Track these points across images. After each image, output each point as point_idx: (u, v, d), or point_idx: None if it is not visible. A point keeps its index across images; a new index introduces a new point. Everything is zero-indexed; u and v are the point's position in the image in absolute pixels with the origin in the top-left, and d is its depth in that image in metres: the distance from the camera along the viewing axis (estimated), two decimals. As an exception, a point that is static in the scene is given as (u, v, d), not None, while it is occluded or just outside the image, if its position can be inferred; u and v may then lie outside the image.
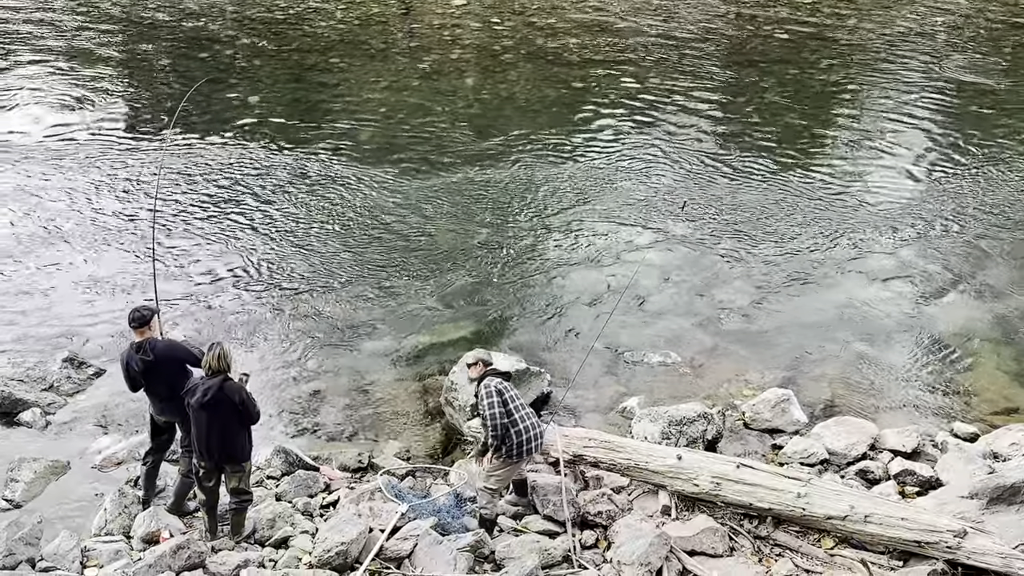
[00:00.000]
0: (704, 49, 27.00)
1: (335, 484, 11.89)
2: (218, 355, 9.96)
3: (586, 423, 12.88)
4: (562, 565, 10.12)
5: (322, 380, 13.91)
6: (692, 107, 23.23)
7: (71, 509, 11.40)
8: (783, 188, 19.34)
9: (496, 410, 10.16)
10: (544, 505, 10.93)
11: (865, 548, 10.07)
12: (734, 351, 14.67)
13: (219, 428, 10.10)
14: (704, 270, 16.63)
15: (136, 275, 15.88)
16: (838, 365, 14.33)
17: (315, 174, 19.48)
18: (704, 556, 10.12)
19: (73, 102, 22.74)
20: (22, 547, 10.06)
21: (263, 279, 16.10)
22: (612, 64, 25.80)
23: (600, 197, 18.87)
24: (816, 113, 23.46)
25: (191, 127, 21.46)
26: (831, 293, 16.04)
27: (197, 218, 17.83)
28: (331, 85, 24.33)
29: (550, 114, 22.89)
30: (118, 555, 10.35)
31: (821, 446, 12.12)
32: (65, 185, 18.76)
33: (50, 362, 13.80)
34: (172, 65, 25.38)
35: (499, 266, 16.53)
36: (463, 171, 19.72)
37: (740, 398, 13.56)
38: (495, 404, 10.17)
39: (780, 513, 10.41)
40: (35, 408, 12.99)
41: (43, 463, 11.94)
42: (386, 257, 16.78)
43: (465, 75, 25.27)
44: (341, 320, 15.16)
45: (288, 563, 10.10)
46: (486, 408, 10.22)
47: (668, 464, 10.97)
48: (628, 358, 14.44)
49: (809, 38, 28.08)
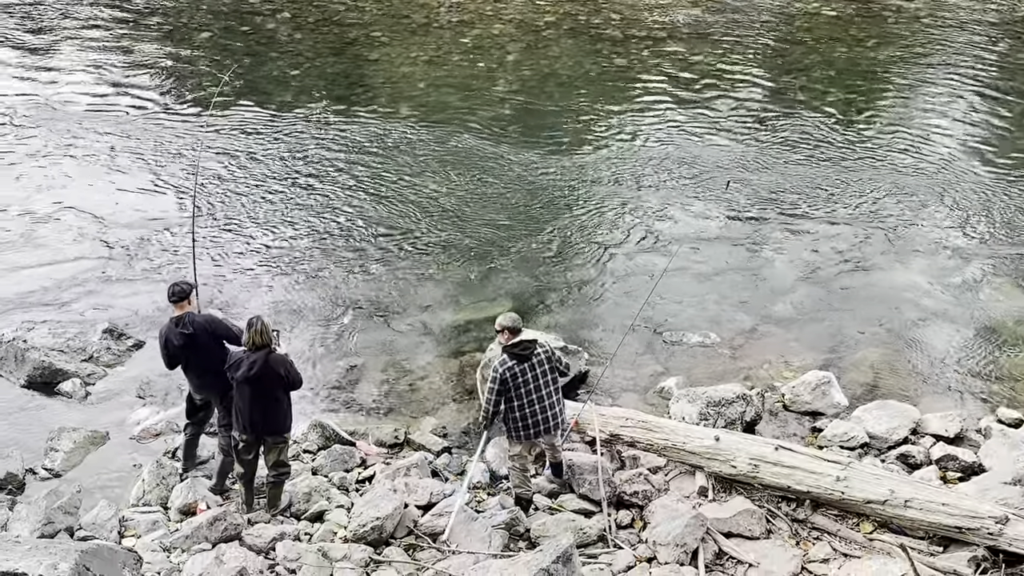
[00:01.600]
0: (749, 26, 26.68)
1: (371, 459, 11.93)
2: (259, 330, 10.06)
3: (623, 402, 12.81)
4: (597, 544, 10.12)
5: (359, 356, 13.92)
6: (736, 85, 22.99)
7: (109, 479, 11.53)
8: (828, 169, 19.11)
9: (492, 396, 10.13)
10: (580, 484, 10.90)
11: (904, 533, 9.96)
12: (774, 332, 14.53)
13: (263, 401, 10.21)
14: (746, 250, 16.46)
15: (176, 249, 15.98)
16: (880, 348, 14.14)
17: (354, 150, 19.45)
18: (741, 538, 10.06)
19: (114, 76, 22.82)
20: (61, 516, 10.17)
21: (302, 254, 16.13)
22: (655, 40, 25.57)
23: (642, 176, 18.72)
24: (863, 92, 23.12)
25: (231, 102, 21.47)
26: (875, 275, 15.83)
27: (236, 193, 17.87)
28: (372, 60, 24.29)
29: (592, 91, 22.72)
30: (155, 525, 10.47)
31: (862, 429, 11.99)
32: (106, 159, 18.87)
33: (90, 333, 13.90)
34: (213, 39, 25.41)
35: (538, 244, 16.45)
36: (503, 148, 19.62)
37: (780, 380, 13.43)
38: (493, 390, 10.10)
39: (819, 496, 10.32)
40: (75, 379, 13.13)
41: (82, 433, 12.07)
42: (424, 233, 16.74)
43: (507, 50, 25.14)
44: (379, 296, 15.16)
45: (323, 537, 10.15)
46: (485, 390, 10.29)
47: (706, 445, 10.91)
48: (667, 338, 14.34)
49: (857, 15, 27.69)
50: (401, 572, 9.54)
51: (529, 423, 10.25)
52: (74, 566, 7.79)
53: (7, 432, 12.20)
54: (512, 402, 10.16)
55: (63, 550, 8.08)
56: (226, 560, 9.21)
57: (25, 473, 11.54)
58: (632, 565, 9.72)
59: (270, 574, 9.44)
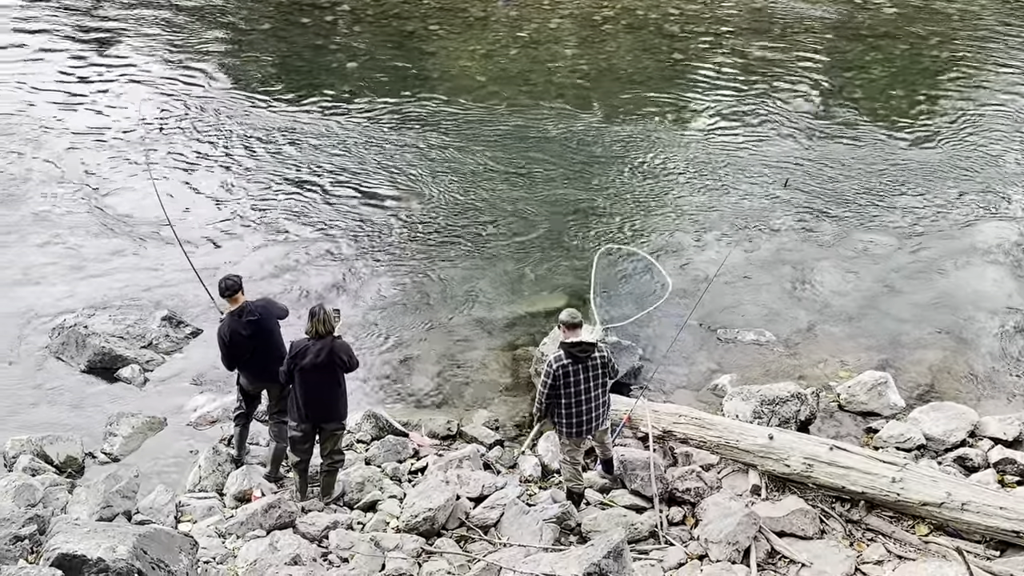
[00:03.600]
0: (809, 22, 26.39)
1: (424, 451, 11.98)
2: (323, 319, 10.23)
3: (676, 399, 12.77)
4: (648, 540, 10.10)
5: (414, 347, 13.99)
6: (795, 82, 22.76)
7: (166, 464, 11.71)
8: (888, 166, 18.87)
9: (544, 390, 10.22)
10: (632, 480, 10.88)
11: (961, 536, 9.86)
12: (831, 331, 14.40)
13: (327, 388, 10.39)
14: (804, 248, 16.33)
15: (236, 238, 16.18)
16: (939, 349, 13.96)
17: (411, 142, 19.51)
18: (793, 538, 10.01)
19: (174, 65, 23.05)
20: (119, 499, 10.32)
21: (358, 245, 16.22)
22: (714, 36, 25.38)
23: (700, 171, 18.61)
24: (925, 91, 22.79)
25: (289, 93, 21.64)
26: (935, 275, 15.63)
27: (294, 183, 18.01)
28: (429, 53, 24.33)
29: (649, 86, 22.60)
30: (211, 511, 10.60)
31: (918, 431, 11.85)
32: (167, 148, 19.07)
33: (149, 320, 14.11)
34: (273, 30, 25.58)
35: (595, 238, 16.41)
36: (560, 143, 19.59)
37: (835, 379, 13.31)
38: (546, 384, 10.18)
39: (874, 497, 10.23)
40: (134, 365, 13.32)
41: (141, 419, 12.25)
42: (481, 226, 16.78)
43: (564, 45, 25.08)
44: (434, 288, 15.21)
45: (376, 526, 10.23)
46: (538, 384, 10.38)
47: (759, 443, 10.86)
48: (721, 335, 14.26)
49: (919, 12, 27.29)
50: (452, 563, 9.58)
51: (574, 422, 10.29)
52: (132, 549, 7.86)
53: (68, 416, 12.42)
54: (560, 400, 10.20)
55: (121, 533, 8.16)
56: (280, 547, 9.31)
57: (85, 457, 11.73)
58: (683, 562, 9.70)
59: (323, 562, 9.52)
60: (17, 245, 15.88)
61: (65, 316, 13.98)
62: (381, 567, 9.41)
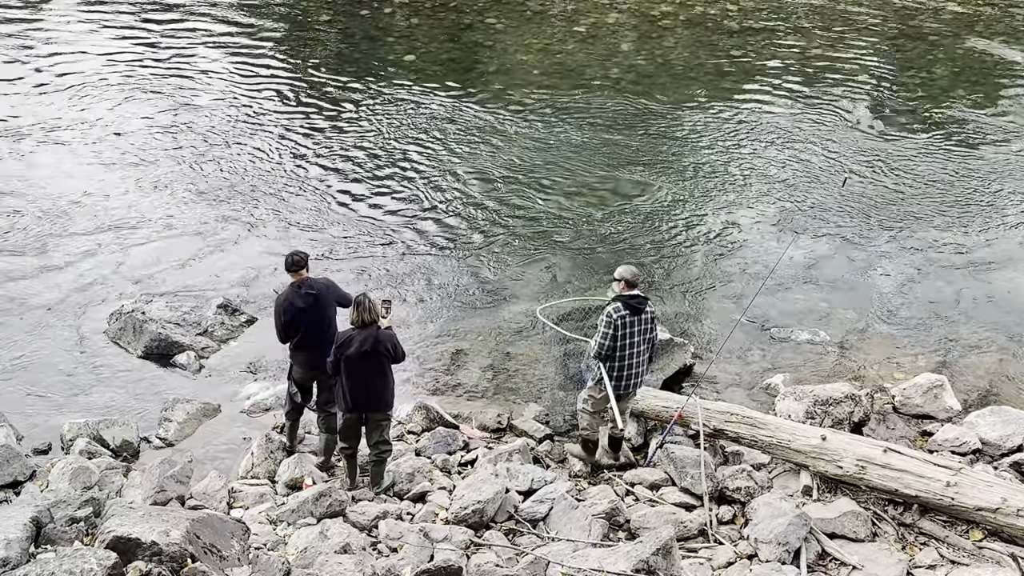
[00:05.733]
0: (870, 20, 26.12)
1: (474, 443, 12.00)
2: (367, 308, 10.32)
3: (728, 397, 12.69)
4: (697, 539, 10.03)
5: (465, 340, 14.01)
6: (854, 80, 22.55)
7: (220, 451, 11.82)
8: (950, 166, 18.66)
9: (605, 340, 10.61)
10: (682, 477, 10.83)
11: (1016, 543, 9.69)
12: (887, 333, 14.24)
13: (373, 377, 10.45)
14: (861, 248, 16.16)
15: (292, 229, 16.30)
16: (997, 353, 13.77)
17: (466, 136, 19.58)
18: (844, 539, 9.89)
19: (235, 56, 23.30)
20: (173, 484, 10.41)
21: (412, 237, 16.29)
22: (773, 33, 25.22)
23: (756, 169, 18.51)
24: (987, 91, 22.46)
25: (347, 83, 21.77)
26: (995, 278, 15.42)
27: (349, 175, 18.14)
28: (486, 46, 24.39)
29: (707, 83, 22.50)
30: (263, 498, 10.68)
31: (974, 435, 11.68)
32: (227, 139, 19.28)
33: (205, 308, 14.26)
34: (332, 21, 25.77)
35: (649, 235, 16.37)
36: (616, 139, 19.56)
37: (890, 381, 13.16)
38: (607, 335, 10.61)
39: (927, 501, 10.09)
40: (190, 351, 13.48)
41: (195, 405, 12.39)
42: (535, 220, 16.80)
43: (621, 40, 25.02)
44: (486, 281, 15.24)
45: (425, 517, 10.25)
46: (599, 333, 10.70)
47: (812, 444, 10.75)
48: (775, 334, 14.15)
49: (983, 9, 26.89)
50: (500, 556, 9.58)
51: (619, 375, 10.76)
52: (185, 534, 7.93)
53: (124, 400, 12.59)
54: (614, 351, 10.66)
55: (175, 518, 8.23)
56: (330, 535, 9.36)
57: (140, 441, 11.88)
58: (732, 561, 9.63)
59: (372, 551, 9.55)
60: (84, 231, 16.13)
61: (123, 302, 14.16)
62: (430, 558, 9.42)
